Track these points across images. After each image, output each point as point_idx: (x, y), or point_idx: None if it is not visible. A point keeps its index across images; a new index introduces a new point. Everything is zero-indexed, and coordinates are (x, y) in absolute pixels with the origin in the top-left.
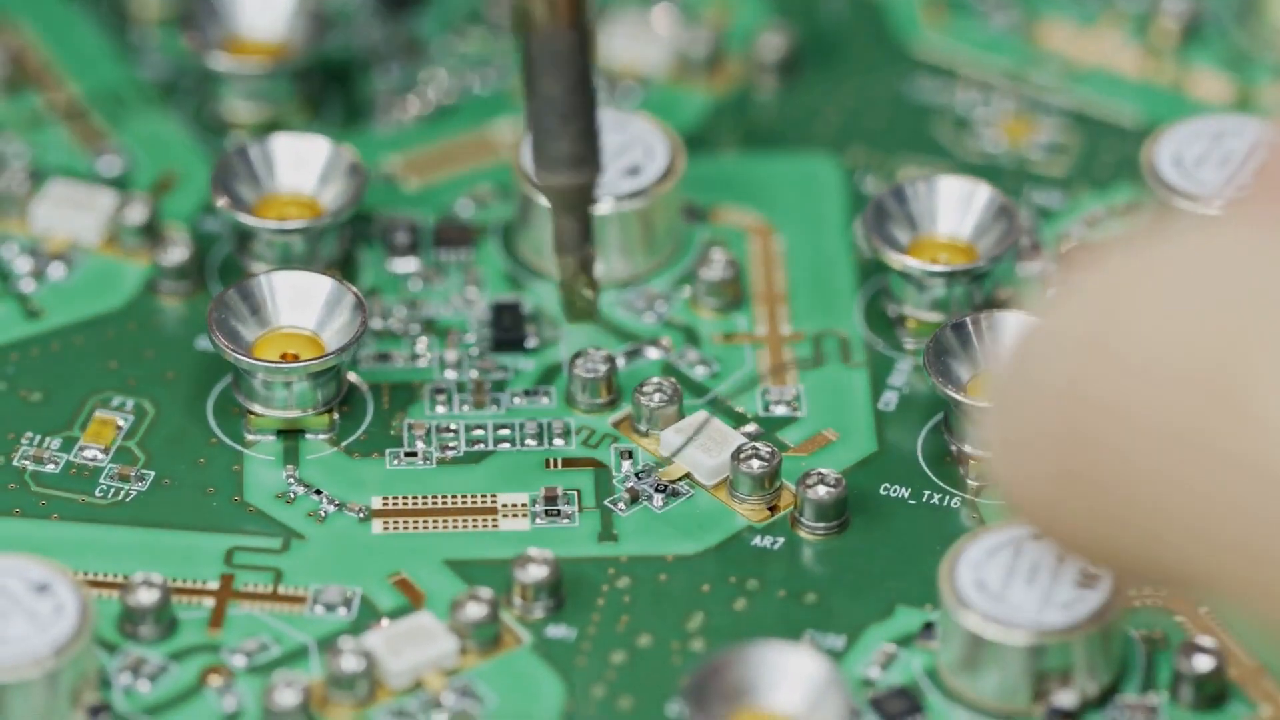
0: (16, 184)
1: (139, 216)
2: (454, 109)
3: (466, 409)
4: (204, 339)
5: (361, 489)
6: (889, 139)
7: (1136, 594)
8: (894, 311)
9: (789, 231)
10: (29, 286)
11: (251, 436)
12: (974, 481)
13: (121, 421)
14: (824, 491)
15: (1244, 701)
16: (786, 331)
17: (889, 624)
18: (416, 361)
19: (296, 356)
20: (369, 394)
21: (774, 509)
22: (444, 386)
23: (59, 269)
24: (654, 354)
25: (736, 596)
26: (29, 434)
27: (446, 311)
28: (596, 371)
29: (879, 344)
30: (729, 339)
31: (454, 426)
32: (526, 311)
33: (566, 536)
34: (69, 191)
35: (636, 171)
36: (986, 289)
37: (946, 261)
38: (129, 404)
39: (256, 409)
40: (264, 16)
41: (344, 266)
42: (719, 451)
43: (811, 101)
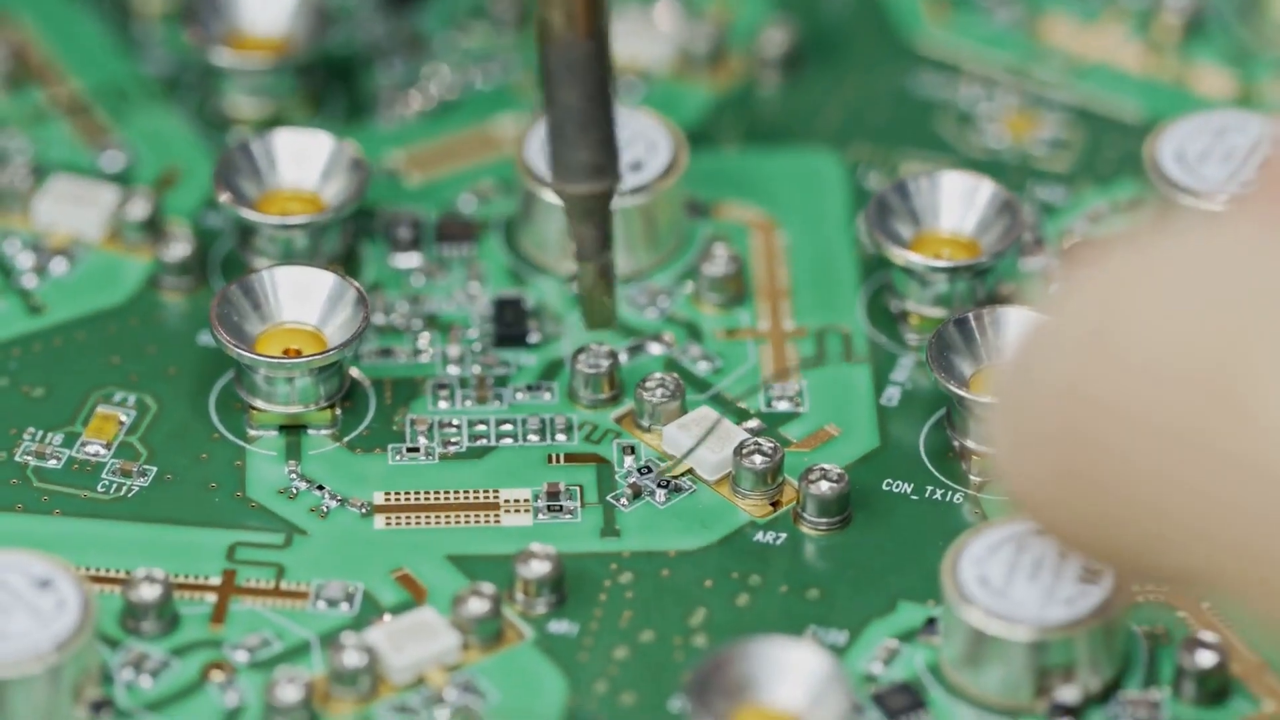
0: (19, 179)
1: (141, 212)
2: (456, 104)
3: (469, 404)
4: (206, 334)
5: (364, 484)
6: (892, 134)
7: (1139, 589)
8: (897, 307)
9: (792, 227)
10: (31, 282)
11: (254, 432)
12: (977, 477)
13: (124, 417)
14: (826, 487)
15: (1247, 697)
16: (789, 327)
17: (891, 619)
18: (419, 357)
19: (299, 352)
20: (371, 389)
21: (776, 504)
22: (446, 382)
23: (61, 264)
24: (656, 349)
25: (739, 592)
26: (31, 429)
27: (449, 307)
28: (599, 367)
29: (882, 339)
30: (732, 334)
31: (456, 422)
32: (529, 307)
33: (569, 532)
34: (71, 187)
35: (639, 167)
36: (989, 285)
37: (949, 257)
38: (131, 399)
39: (259, 404)
40: (266, 12)
41: (346, 262)
42: (721, 447)
43: (814, 97)
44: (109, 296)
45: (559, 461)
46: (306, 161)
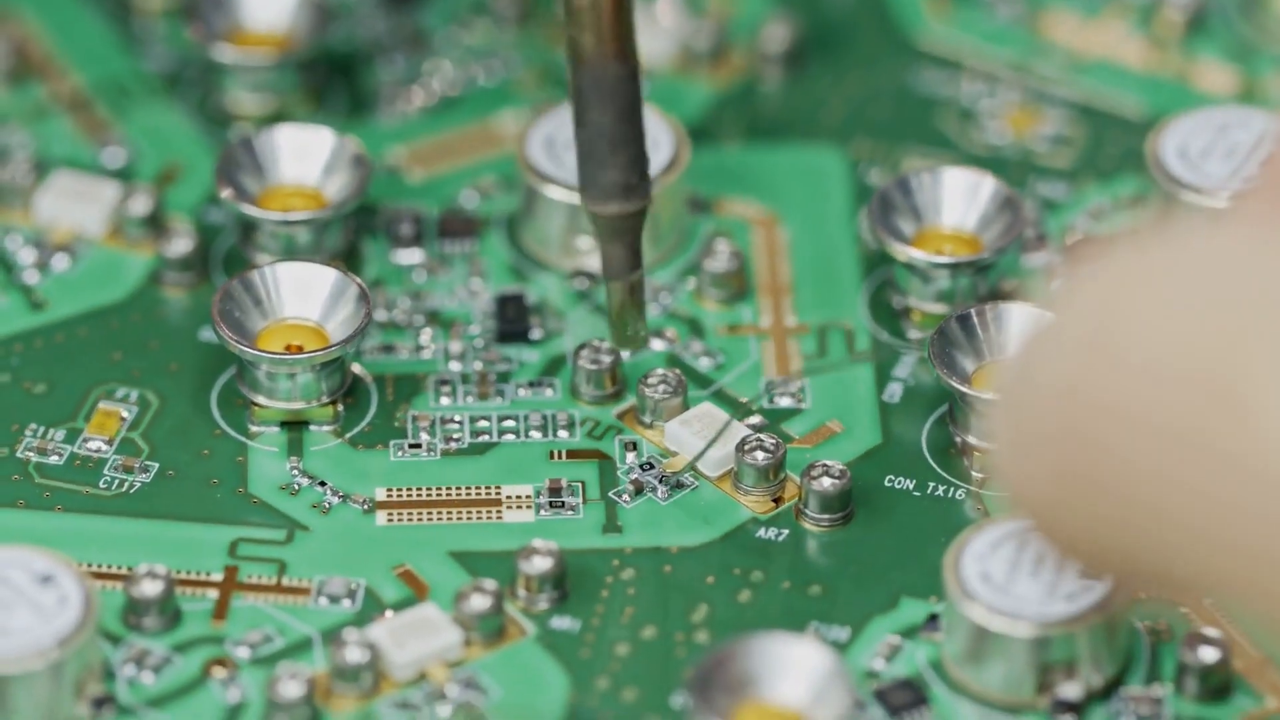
0: (20, 175)
1: (143, 208)
2: (458, 100)
3: (471, 400)
4: (208, 330)
5: (365, 481)
6: (894, 130)
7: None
8: (899, 303)
9: (794, 223)
10: (33, 278)
11: (255, 428)
12: (978, 473)
13: (125, 413)
14: (829, 483)
15: (1249, 693)
16: (791, 323)
17: (893, 616)
18: (421, 353)
19: (301, 348)
20: (373, 385)
21: (778, 501)
22: (448, 378)
23: (63, 260)
24: (658, 345)
25: (741, 588)
26: (33, 425)
27: (451, 303)
28: (601, 363)
29: (884, 336)
30: (734, 330)
31: (458, 418)
32: (531, 303)
33: (571, 528)
34: (73, 183)
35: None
36: (991, 281)
37: (951, 253)
38: (133, 395)
39: (260, 400)
40: (268, 8)
41: (348, 258)
42: (724, 443)
43: (816, 93)
44: (111, 292)
45: (561, 458)
46: (308, 157)
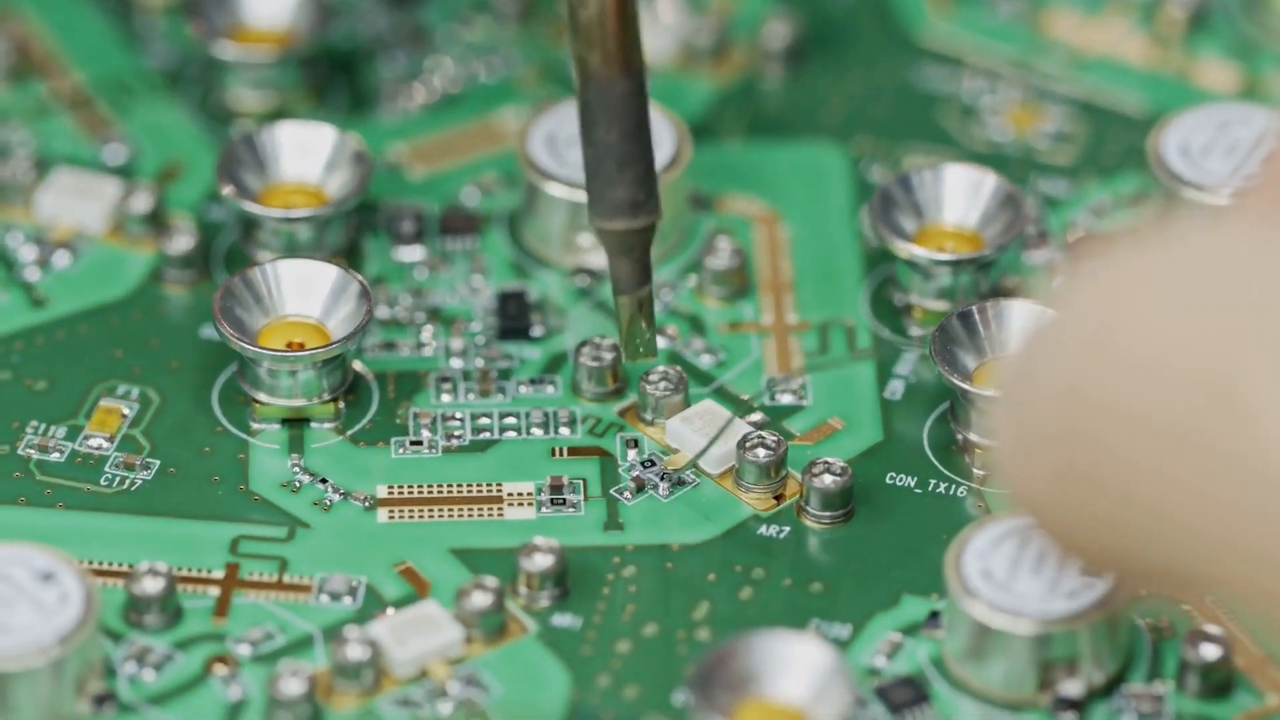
0: (22, 172)
1: (144, 205)
2: (459, 97)
3: (472, 397)
4: (209, 327)
5: (367, 478)
6: (895, 127)
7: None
8: (900, 300)
9: (795, 220)
10: (34, 275)
11: (257, 425)
12: (980, 470)
13: (126, 410)
14: (830, 480)
15: (1251, 691)
16: (792, 320)
17: (895, 613)
18: (422, 350)
19: (302, 345)
20: (374, 382)
21: (780, 498)
22: (449, 375)
23: (64, 257)
24: (660, 342)
25: (742, 585)
26: (34, 423)
27: (452, 300)
28: (602, 360)
29: (885, 333)
30: (735, 328)
31: (459, 415)
32: (532, 300)
33: (572, 525)
34: (74, 180)
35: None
36: (993, 278)
37: (953, 250)
38: (134, 392)
39: (262, 397)
40: (269, 5)
41: (349, 255)
42: (725, 441)
43: (817, 90)
44: (112, 290)
45: (562, 455)
46: (309, 154)
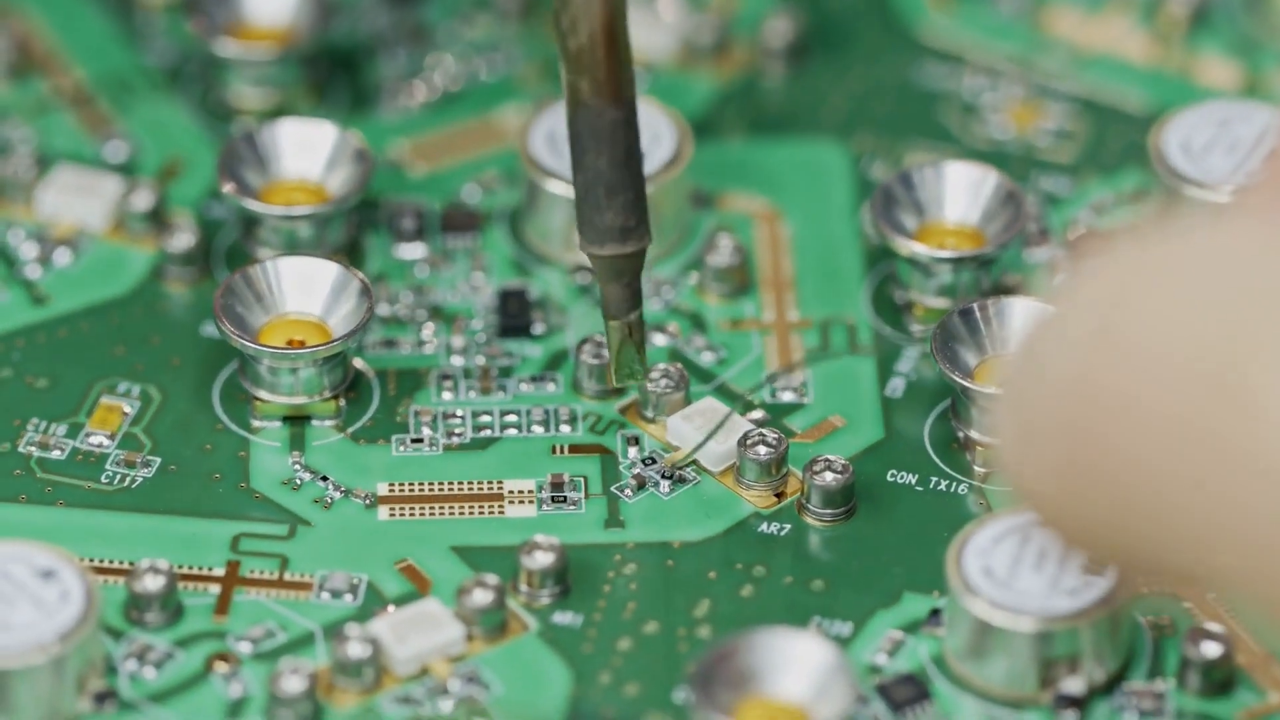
0: (23, 170)
1: (145, 202)
2: (460, 95)
3: (473, 395)
4: (210, 325)
5: (368, 475)
6: (896, 125)
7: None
8: (901, 298)
9: (796, 217)
10: (35, 272)
11: (257, 423)
12: (981, 468)
13: (127, 408)
14: (831, 478)
15: (1252, 688)
16: (794, 318)
17: (896, 610)
18: (423, 348)
19: (303, 343)
20: (375, 380)
21: (781, 495)
22: (450, 373)
23: (65, 255)
24: (661, 340)
25: (743, 583)
26: (35, 420)
27: (453, 298)
28: (603, 358)
29: (886, 330)
30: (736, 325)
31: (460, 413)
32: (533, 298)
33: (573, 523)
34: (75, 177)
35: (643, 158)
36: (994, 275)
37: (954, 247)
38: (135, 390)
39: (263, 395)
40: (270, 2)
41: (350, 252)
42: (726, 438)
43: (819, 87)
44: (113, 287)
45: (563, 452)
46: (310, 152)
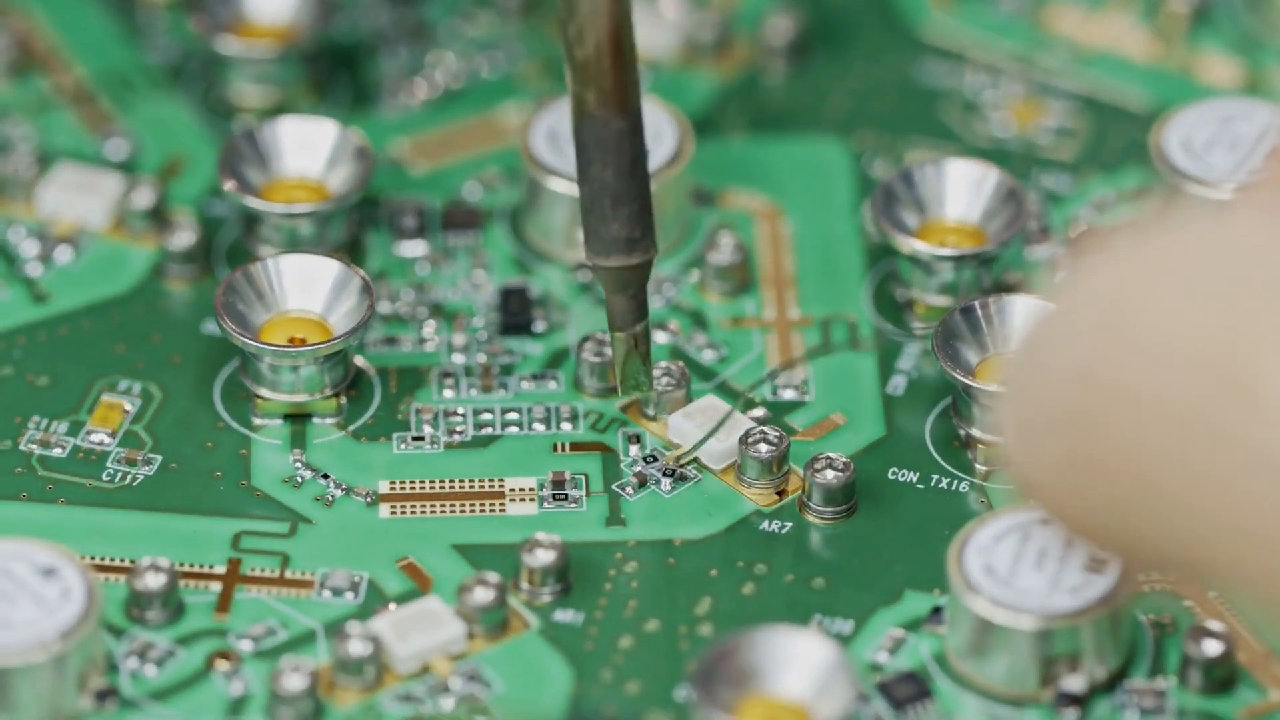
0: (23, 167)
1: (146, 200)
2: (461, 93)
3: (474, 393)
4: (211, 323)
5: (369, 473)
6: (897, 122)
7: (1145, 578)
8: (902, 296)
9: (797, 215)
10: (36, 270)
11: (259, 420)
12: (982, 466)
13: (128, 405)
14: (832, 476)
15: (1253, 686)
16: (795, 316)
17: (897, 609)
18: (424, 345)
19: (304, 340)
20: (376, 378)
21: (782, 493)
22: (451, 370)
23: (66, 253)
24: (662, 338)
25: (744, 581)
26: (36, 418)
27: (454, 295)
28: (604, 356)
29: (888, 328)
30: (737, 323)
31: (461, 411)
32: (534, 296)
33: (574, 521)
34: (76, 175)
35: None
36: (995, 273)
37: (955, 245)
38: (136, 388)
39: (264, 393)
40: (271, 0)
41: (351, 250)
42: (727, 436)
43: (820, 85)
44: (114, 285)
45: (564, 450)
46: (311, 150)
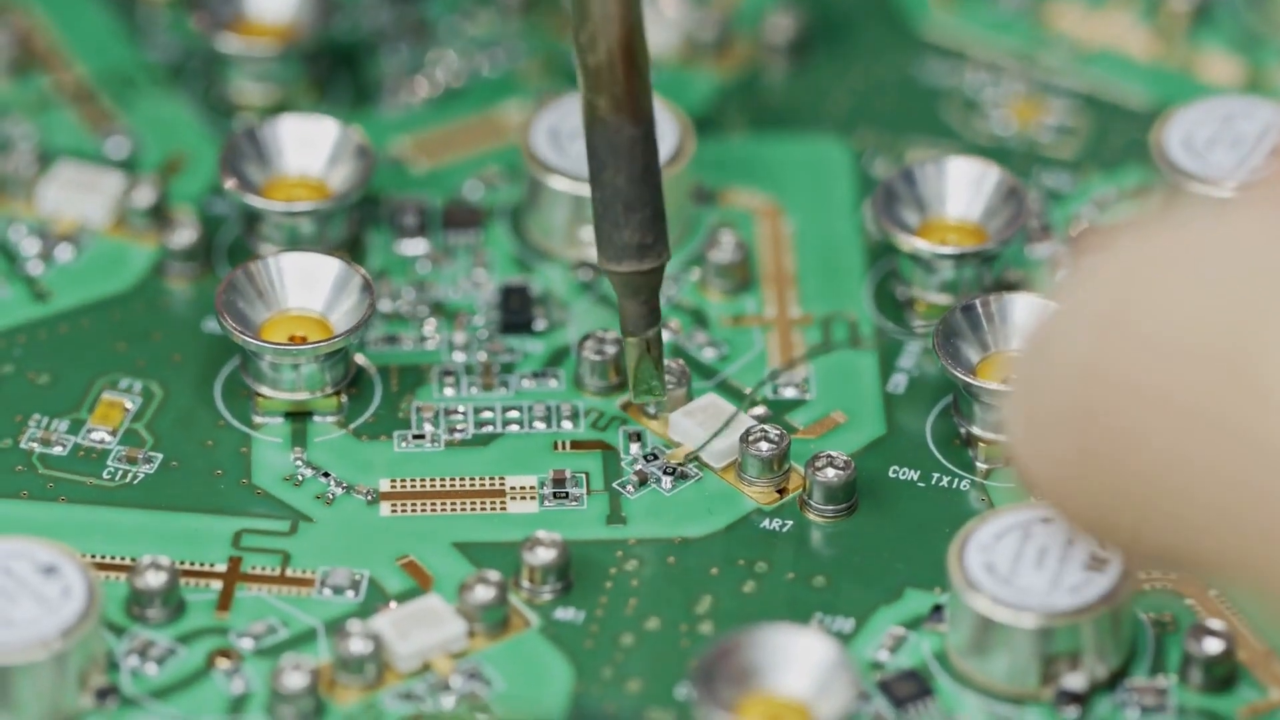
0: (24, 166)
1: (147, 199)
2: (462, 91)
3: (475, 391)
4: (212, 321)
5: (369, 471)
6: (898, 121)
7: (1146, 577)
8: (903, 294)
9: (798, 214)
10: (37, 269)
11: (259, 419)
12: (983, 464)
13: (129, 404)
14: (833, 474)
15: (1253, 685)
16: (795, 314)
17: (898, 607)
18: (425, 344)
19: (304, 339)
20: (377, 376)
21: (783, 491)
22: (452, 369)
23: (67, 251)
24: (663, 336)
25: (745, 579)
26: (37, 416)
27: (455, 294)
28: (605, 354)
29: (888, 326)
30: (738, 321)
31: (462, 409)
32: (535, 294)
33: (575, 519)
34: (77, 173)
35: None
36: (996, 271)
37: (956, 243)
38: (137, 386)
39: (264, 391)
40: None
41: (352, 248)
42: (728, 434)
43: (820, 83)
44: (114, 283)
45: (565, 449)
46: (312, 148)
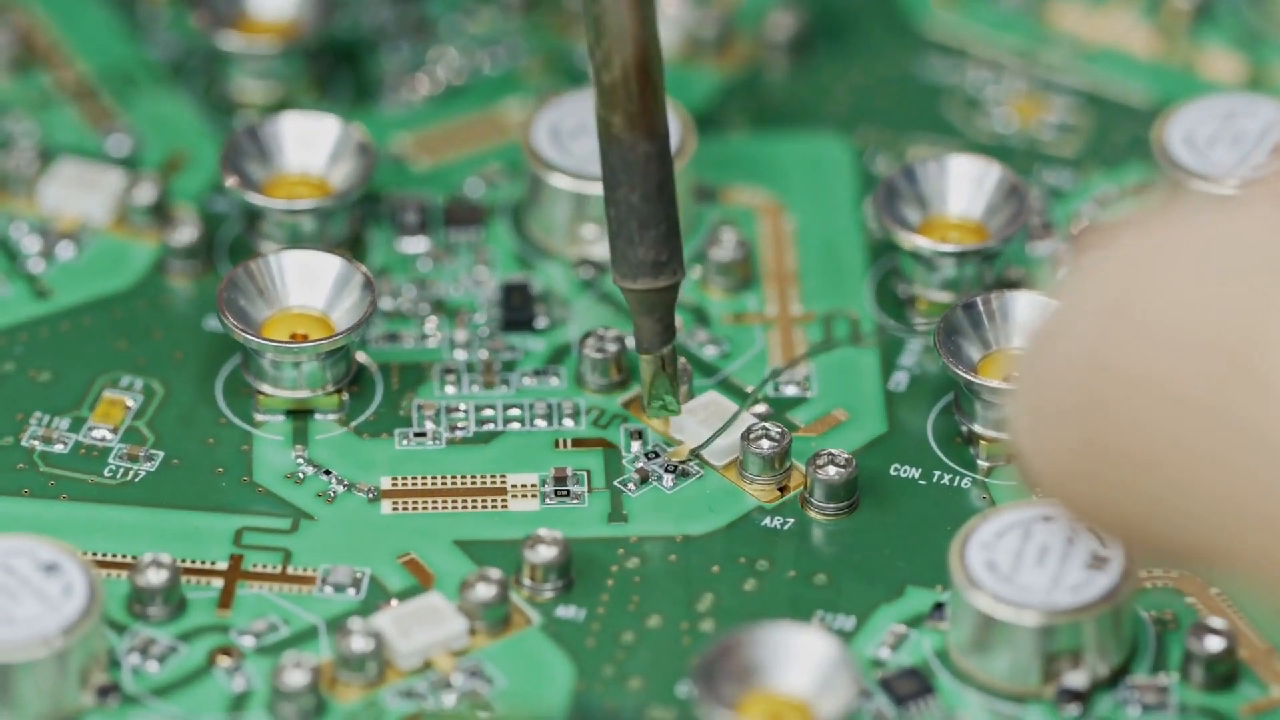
0: (25, 164)
1: (148, 196)
2: (463, 89)
3: (476, 389)
4: (213, 319)
5: (371, 469)
6: (899, 119)
7: (1147, 575)
8: (904, 292)
9: (799, 211)
10: (38, 266)
11: (260, 417)
12: (984, 462)
13: (130, 401)
14: (834, 472)
15: (1255, 683)
16: (797, 312)
17: (899, 605)
18: (426, 342)
19: (305, 336)
20: (378, 374)
21: (784, 489)
22: (453, 367)
23: (68, 249)
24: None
25: (746, 577)
26: (38, 414)
27: (456, 291)
28: (606, 352)
29: (889, 324)
30: (739, 319)
31: (463, 407)
32: (536, 291)
33: (576, 517)
34: (78, 171)
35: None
36: (997, 269)
37: (957, 241)
38: (138, 384)
39: (265, 389)
40: None
41: (353, 246)
42: (729, 432)
43: (822, 81)
44: (116, 281)
45: (566, 446)
46: (313, 146)
